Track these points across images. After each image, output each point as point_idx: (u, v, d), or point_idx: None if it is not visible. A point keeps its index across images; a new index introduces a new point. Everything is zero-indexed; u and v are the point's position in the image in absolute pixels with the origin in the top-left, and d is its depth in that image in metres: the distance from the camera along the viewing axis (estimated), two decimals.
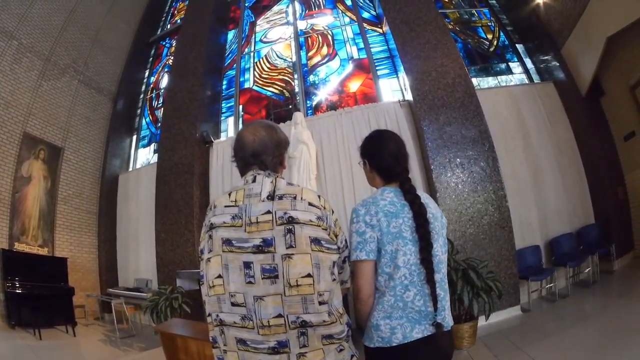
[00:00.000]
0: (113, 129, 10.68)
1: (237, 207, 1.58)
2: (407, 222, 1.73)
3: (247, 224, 1.53)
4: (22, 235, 8.00)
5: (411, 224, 1.73)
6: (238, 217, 1.56)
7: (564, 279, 6.71)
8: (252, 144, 1.70)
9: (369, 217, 1.74)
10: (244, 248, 1.51)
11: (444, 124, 7.01)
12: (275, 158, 1.74)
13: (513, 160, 7.54)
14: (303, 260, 1.48)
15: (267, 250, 1.49)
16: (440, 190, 6.66)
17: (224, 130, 9.52)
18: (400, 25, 8.05)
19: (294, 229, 1.50)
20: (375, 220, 1.73)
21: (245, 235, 1.52)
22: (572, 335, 4.84)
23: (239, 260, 1.50)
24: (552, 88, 8.35)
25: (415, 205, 1.76)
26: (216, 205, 1.65)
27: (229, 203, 1.61)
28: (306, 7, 10.72)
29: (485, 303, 5.12)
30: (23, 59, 8.68)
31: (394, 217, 1.73)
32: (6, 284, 7.02)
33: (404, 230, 1.71)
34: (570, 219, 7.49)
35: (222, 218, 1.59)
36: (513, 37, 9.29)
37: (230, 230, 1.55)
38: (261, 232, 1.51)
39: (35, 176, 8.58)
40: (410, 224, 1.73)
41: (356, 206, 1.82)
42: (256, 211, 1.55)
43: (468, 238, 6.43)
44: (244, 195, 1.61)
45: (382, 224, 1.72)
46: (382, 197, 1.81)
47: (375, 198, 1.81)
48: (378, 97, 8.49)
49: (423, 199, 1.83)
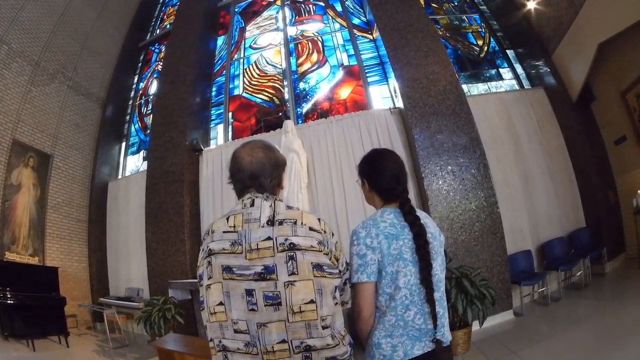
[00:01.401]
0: (102, 135, 10.57)
1: (236, 233, 1.55)
2: (407, 244, 1.74)
3: (247, 251, 1.51)
4: (12, 244, 7.88)
5: (411, 245, 1.74)
6: (238, 244, 1.53)
7: (556, 282, 6.79)
8: (250, 166, 1.66)
9: (370, 240, 1.75)
10: (245, 275, 1.49)
11: (435, 132, 7.03)
12: (274, 180, 1.71)
13: (504, 167, 7.59)
14: (306, 287, 1.47)
15: (269, 278, 1.47)
16: (432, 198, 6.68)
17: (213, 138, 9.46)
18: (391, 32, 8.06)
19: (296, 255, 1.49)
20: (375, 242, 1.74)
21: (246, 263, 1.50)
22: (565, 338, 4.88)
23: (241, 288, 1.48)
24: (543, 94, 8.41)
25: (415, 226, 1.77)
26: (214, 230, 1.61)
27: (227, 228, 1.58)
28: (296, 13, 10.71)
29: (479, 310, 5.17)
30: (12, 64, 8.54)
31: (395, 239, 1.74)
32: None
33: (405, 251, 1.73)
34: (561, 224, 7.56)
35: (221, 244, 1.55)
36: (503, 42, 9.34)
37: (230, 257, 1.52)
38: (262, 259, 1.49)
39: (25, 184, 8.44)
40: (411, 245, 1.74)
41: (356, 228, 1.82)
42: (256, 237, 1.52)
43: (460, 245, 6.45)
44: (242, 220, 1.58)
45: (382, 246, 1.73)
46: (382, 218, 1.82)
47: (376, 220, 1.82)
48: (368, 104, 8.49)
49: (422, 218, 1.85)
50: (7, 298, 6.93)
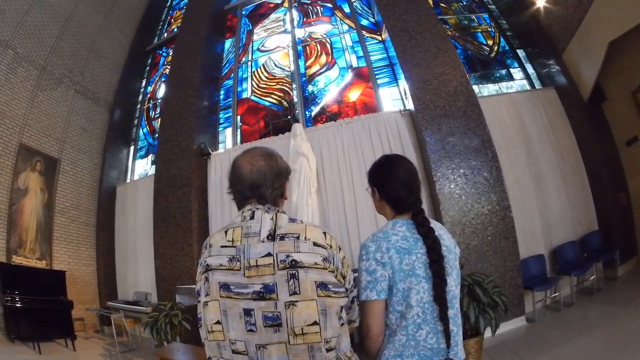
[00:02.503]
0: (110, 139, 10.51)
1: (235, 248, 1.43)
2: (420, 259, 1.60)
3: (245, 268, 1.38)
4: (19, 248, 7.82)
5: (424, 260, 1.60)
6: (236, 260, 1.40)
7: (568, 287, 6.60)
8: (250, 175, 1.53)
9: (380, 255, 1.60)
10: (243, 294, 1.36)
11: (447, 134, 6.82)
12: (276, 190, 1.57)
13: (516, 169, 7.36)
14: (309, 308, 1.35)
15: (269, 297, 1.34)
16: (444, 202, 6.47)
17: (221, 142, 9.34)
18: (399, 32, 7.86)
19: (298, 274, 1.36)
20: (386, 257, 1.59)
21: (244, 280, 1.37)
22: (578, 346, 4.74)
23: (239, 307, 1.36)
24: (554, 94, 8.18)
25: (429, 239, 1.62)
26: (212, 244, 1.49)
27: (225, 243, 1.46)
28: (304, 15, 10.54)
29: (491, 319, 4.94)
30: (18, 69, 8.51)
31: (407, 254, 1.60)
32: (5, 297, 6.80)
33: (417, 267, 1.58)
34: (573, 227, 7.32)
35: (219, 260, 1.43)
36: (513, 42, 9.11)
37: (227, 274, 1.40)
38: (261, 277, 1.36)
39: (32, 188, 8.39)
40: (424, 260, 1.60)
41: (365, 241, 1.67)
42: (255, 253, 1.39)
43: (472, 250, 6.24)
44: (241, 234, 1.45)
45: (394, 261, 1.58)
46: (393, 231, 1.67)
47: (387, 232, 1.67)
48: (378, 106, 8.31)
49: (436, 230, 1.69)
50: (14, 301, 6.88)
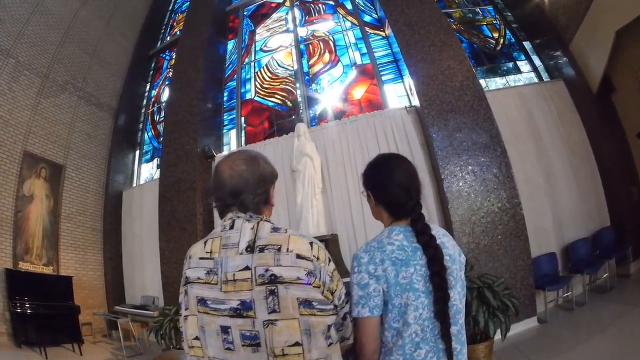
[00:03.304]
0: (115, 144, 10.41)
1: (213, 260, 1.32)
2: (419, 271, 1.42)
3: (222, 282, 1.27)
4: (25, 254, 7.78)
5: (424, 273, 1.42)
6: (213, 273, 1.30)
7: (580, 285, 6.25)
8: (230, 181, 1.41)
9: (373, 267, 1.43)
10: (220, 310, 1.26)
11: (454, 130, 6.56)
12: (258, 197, 1.43)
13: (525, 164, 7.06)
14: (289, 327, 1.22)
15: (246, 315, 1.23)
16: (452, 201, 6.21)
17: (226, 144, 9.18)
18: (403, 27, 7.61)
19: (277, 290, 1.23)
20: (380, 270, 1.43)
21: (221, 296, 1.27)
22: (591, 348, 4.55)
23: (216, 324, 1.26)
24: (562, 86, 7.87)
25: (430, 249, 1.44)
26: (191, 255, 1.40)
27: (203, 254, 1.35)
28: (306, 14, 10.32)
29: (501, 323, 4.73)
30: (21, 77, 8.46)
31: (404, 266, 1.42)
32: (11, 303, 6.79)
33: (416, 281, 1.41)
34: (585, 223, 7.00)
35: (197, 272, 1.33)
36: (519, 34, 8.81)
37: (204, 287, 1.30)
38: (239, 293, 1.25)
39: (37, 195, 8.35)
40: (424, 272, 1.42)
41: (358, 252, 1.51)
42: (233, 266, 1.28)
43: (482, 250, 5.98)
44: (220, 246, 1.34)
45: (389, 274, 1.42)
46: (389, 240, 1.49)
47: (381, 242, 1.49)
48: (383, 103, 8.07)
49: (439, 237, 1.51)
50: (20, 307, 6.87)
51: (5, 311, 6.83)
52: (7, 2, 8.41)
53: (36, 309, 7.00)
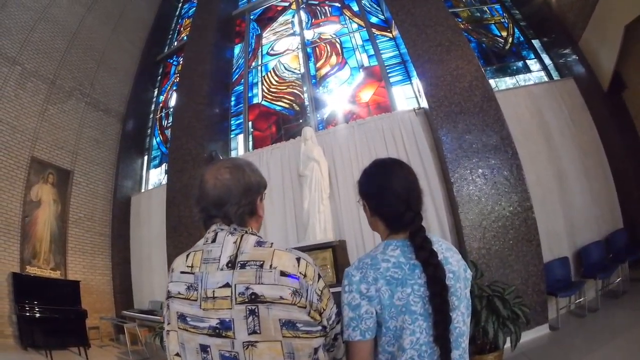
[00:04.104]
0: (123, 150, 10.29)
1: (193, 275, 1.24)
2: (417, 292, 1.26)
3: (202, 298, 1.19)
4: (33, 258, 7.72)
5: (423, 293, 1.26)
6: (193, 288, 1.22)
7: (593, 290, 5.96)
8: (214, 191, 1.31)
9: (366, 286, 1.28)
10: (199, 328, 1.18)
11: (463, 132, 6.31)
12: (243, 207, 1.32)
13: (537, 166, 6.76)
14: (271, 350, 1.13)
15: (225, 335, 1.15)
16: (462, 205, 5.96)
17: (233, 149, 9.04)
18: (410, 27, 7.40)
19: (258, 310, 1.14)
20: (373, 290, 1.27)
21: (200, 313, 1.19)
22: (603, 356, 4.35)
23: (195, 342, 1.18)
24: (573, 84, 7.55)
25: (430, 267, 1.26)
26: (174, 268, 1.32)
27: (184, 268, 1.27)
28: (312, 16, 10.14)
29: (511, 333, 4.52)
30: (27, 84, 8.41)
31: (400, 286, 1.26)
32: (18, 306, 6.77)
33: (413, 302, 1.25)
34: (598, 226, 6.67)
35: (178, 287, 1.26)
36: (528, 32, 8.52)
37: (184, 303, 1.22)
38: (218, 311, 1.16)
39: (45, 200, 8.28)
40: (422, 292, 1.26)
41: (349, 269, 1.35)
42: (212, 282, 1.19)
43: (493, 255, 5.73)
44: (201, 260, 1.25)
45: (382, 294, 1.26)
46: (384, 256, 1.32)
47: (375, 258, 1.33)
48: (392, 105, 7.85)
49: (441, 252, 1.34)
50: (27, 310, 6.84)
51: (12, 314, 6.79)
52: (13, 10, 8.36)
53: (43, 313, 6.96)
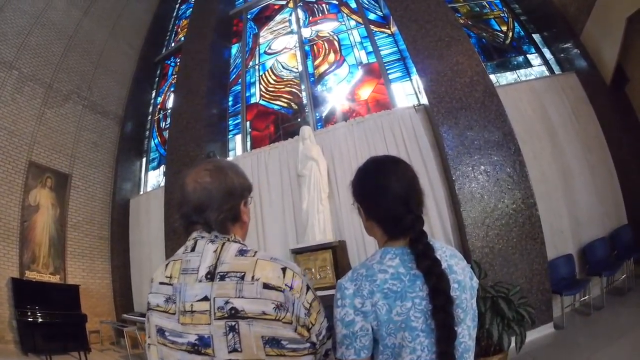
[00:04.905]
0: (122, 152, 10.10)
1: (172, 287, 1.15)
2: (418, 305, 1.09)
3: (180, 312, 1.10)
4: (32, 263, 7.62)
5: (425, 307, 1.08)
6: (171, 301, 1.13)
7: (598, 287, 5.77)
8: (194, 195, 1.20)
9: (360, 301, 1.11)
10: (178, 344, 1.09)
11: (465, 128, 6.07)
12: (224, 213, 1.20)
13: (540, 162, 6.54)
14: None
15: (204, 352, 1.05)
16: (464, 203, 5.73)
17: (232, 149, 8.81)
18: (408, 23, 7.15)
19: (238, 326, 1.03)
20: (369, 304, 1.10)
21: (178, 328, 1.09)
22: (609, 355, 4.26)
23: (175, 358, 1.09)
24: (575, 79, 7.30)
25: (432, 277, 1.09)
26: (153, 279, 1.25)
27: (163, 279, 1.19)
28: (309, 14, 9.86)
29: (517, 335, 4.36)
30: (24, 88, 8.28)
31: (399, 299, 1.09)
32: (18, 311, 6.70)
33: (414, 317, 1.08)
34: (602, 222, 6.46)
35: (156, 299, 1.18)
36: (528, 26, 8.25)
37: (163, 317, 1.14)
38: (196, 327, 1.06)
39: (43, 204, 8.15)
40: (424, 306, 1.08)
41: (342, 280, 1.18)
42: (191, 295, 1.09)
43: (497, 254, 5.51)
44: (179, 270, 1.16)
45: (379, 309, 1.09)
46: (381, 266, 1.15)
47: (371, 268, 1.15)
48: (391, 102, 7.60)
49: (445, 259, 1.17)
50: (27, 315, 6.78)
51: (12, 319, 6.70)
52: (9, 15, 8.23)
53: (43, 318, 6.86)
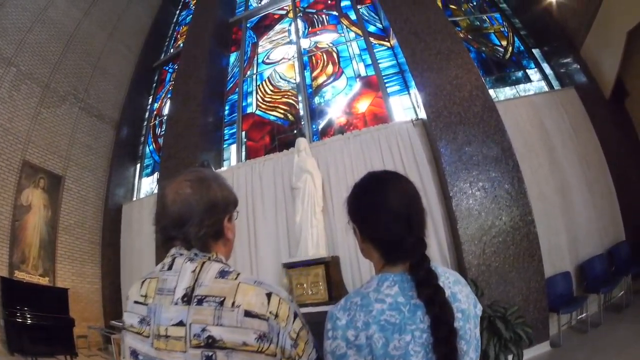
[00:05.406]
0: (116, 157, 9.88)
1: (146, 307, 1.04)
2: (419, 339, 0.95)
3: (154, 336, 0.98)
4: (22, 263, 7.41)
5: (426, 340, 0.95)
6: (146, 323, 1.01)
7: (595, 304, 5.65)
8: (173, 207, 1.10)
9: (353, 333, 0.97)
10: None
11: (463, 143, 5.95)
12: (206, 229, 1.09)
13: (539, 179, 6.42)
14: None
15: None
16: (461, 220, 5.59)
17: (226, 159, 8.62)
18: (408, 35, 7.06)
19: (216, 356, 0.92)
20: (363, 337, 0.96)
21: (152, 352, 0.99)
22: None
23: None
24: (574, 94, 7.23)
25: (435, 307, 0.96)
26: (128, 296, 1.14)
27: (138, 298, 1.08)
28: (309, 25, 9.77)
29: (514, 355, 4.25)
30: (22, 86, 8.12)
31: (398, 332, 0.95)
32: (5, 311, 6.49)
33: (413, 352, 0.94)
34: (600, 238, 6.33)
35: (131, 319, 1.07)
36: (528, 41, 8.21)
37: (137, 338, 1.03)
38: (171, 353, 0.95)
39: (36, 205, 7.96)
40: (425, 339, 0.95)
41: (334, 309, 1.04)
42: (166, 319, 0.98)
43: (493, 272, 5.36)
44: (155, 289, 1.05)
45: (375, 343, 0.94)
46: (377, 294, 1.01)
47: (366, 297, 1.01)
48: (389, 116, 7.48)
49: (448, 286, 1.04)
50: (15, 316, 6.61)
51: (0, 319, 6.51)
52: (10, 10, 8.12)
53: (31, 319, 6.70)
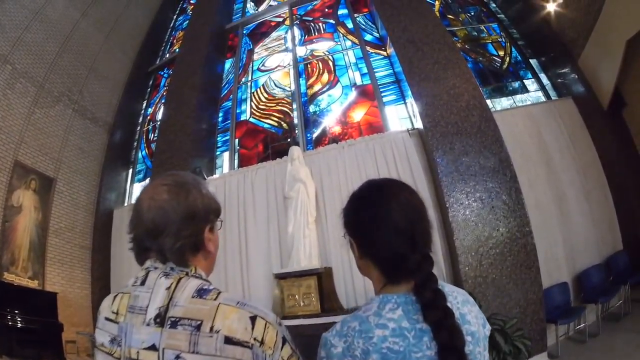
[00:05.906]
0: (108, 161, 9.63)
1: (117, 325, 0.93)
2: None
3: (126, 358, 0.87)
4: (11, 265, 7.18)
5: None
6: (116, 343, 0.91)
7: (593, 314, 5.60)
8: (147, 214, 0.95)
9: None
10: None
11: (460, 154, 5.81)
12: (183, 240, 0.94)
13: (536, 189, 6.32)
14: None
15: None
16: (457, 231, 5.45)
17: (219, 166, 8.41)
18: (405, 44, 6.94)
19: None
20: None
21: None
22: None
23: None
24: (572, 104, 7.19)
25: (443, 332, 0.82)
26: (100, 311, 1.02)
27: (109, 314, 0.97)
28: (305, 33, 9.63)
29: None
30: (16, 85, 7.92)
31: None
32: None
33: None
34: (598, 248, 6.29)
35: (102, 337, 0.95)
36: (526, 51, 8.13)
37: (107, 359, 0.91)
38: None
39: (26, 206, 7.73)
40: None
41: (328, 334, 0.92)
42: (137, 340, 0.87)
43: (490, 284, 5.23)
44: (127, 306, 0.93)
45: None
46: (379, 319, 0.88)
47: (366, 322, 0.88)
48: (385, 126, 7.34)
49: (457, 307, 0.92)
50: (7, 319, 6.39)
51: None
52: (8, 7, 7.93)
53: (20, 322, 6.51)
